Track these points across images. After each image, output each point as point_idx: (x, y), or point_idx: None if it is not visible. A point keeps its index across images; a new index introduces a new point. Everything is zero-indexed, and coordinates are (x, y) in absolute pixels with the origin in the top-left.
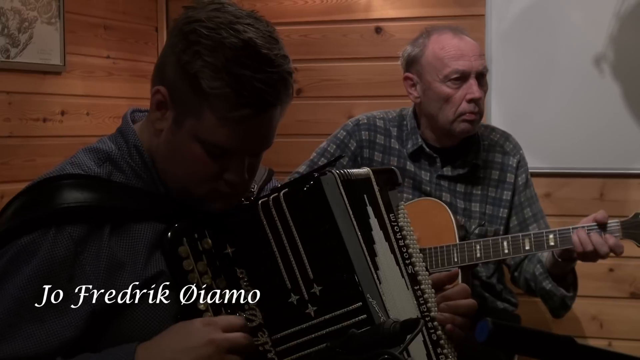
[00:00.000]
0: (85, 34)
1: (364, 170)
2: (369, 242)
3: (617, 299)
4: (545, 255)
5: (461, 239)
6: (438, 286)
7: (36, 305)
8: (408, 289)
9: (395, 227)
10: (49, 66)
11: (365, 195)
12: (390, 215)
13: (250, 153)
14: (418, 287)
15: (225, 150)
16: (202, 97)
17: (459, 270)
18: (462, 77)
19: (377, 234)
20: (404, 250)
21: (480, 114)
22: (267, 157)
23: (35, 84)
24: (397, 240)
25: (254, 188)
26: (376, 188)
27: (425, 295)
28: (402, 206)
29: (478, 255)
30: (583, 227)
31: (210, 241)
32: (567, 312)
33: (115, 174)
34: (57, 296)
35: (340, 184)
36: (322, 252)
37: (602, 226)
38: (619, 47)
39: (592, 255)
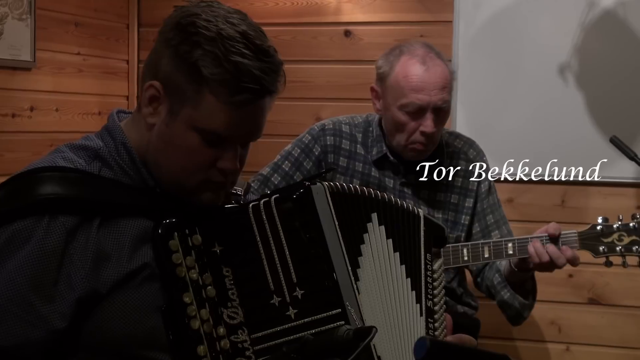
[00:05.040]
0: (56, 31)
1: (418, 209)
2: (355, 253)
3: (576, 304)
4: (503, 264)
5: None
6: None
7: (27, 290)
8: (422, 316)
9: (429, 266)
10: (19, 62)
11: (375, 214)
12: (427, 255)
13: (243, 141)
14: (432, 322)
15: (220, 138)
16: (201, 84)
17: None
18: (418, 111)
19: (376, 250)
20: (430, 288)
21: (432, 145)
22: None
23: (4, 79)
24: (426, 276)
25: (240, 192)
26: (422, 227)
27: (437, 333)
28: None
29: None
30: (540, 237)
31: (200, 238)
32: (525, 319)
33: (104, 171)
34: (47, 283)
35: (328, 195)
36: (307, 258)
37: (554, 238)
38: (583, 57)
39: (549, 266)
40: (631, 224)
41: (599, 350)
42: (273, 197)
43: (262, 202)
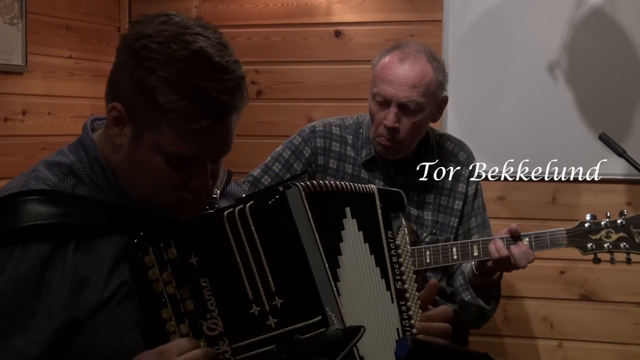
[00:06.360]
0: (48, 35)
1: (371, 186)
2: (334, 253)
3: (568, 301)
4: (468, 267)
5: (412, 244)
6: (423, 304)
7: (1, 323)
8: (393, 302)
9: (392, 244)
10: (11, 66)
11: (348, 208)
12: (389, 232)
13: (211, 159)
14: (404, 302)
15: (187, 161)
16: (159, 112)
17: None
18: (385, 102)
19: (353, 245)
20: (396, 267)
21: (398, 143)
22: (226, 157)
23: None
24: (390, 256)
25: (216, 194)
26: (378, 205)
27: (410, 312)
28: (404, 228)
29: (428, 260)
30: (502, 237)
31: (175, 251)
32: (485, 322)
33: (78, 187)
34: (22, 314)
35: (304, 198)
36: (284, 266)
37: (515, 238)
38: (572, 54)
39: (507, 262)
40: (619, 221)
41: (591, 346)
42: (248, 204)
43: (236, 209)
